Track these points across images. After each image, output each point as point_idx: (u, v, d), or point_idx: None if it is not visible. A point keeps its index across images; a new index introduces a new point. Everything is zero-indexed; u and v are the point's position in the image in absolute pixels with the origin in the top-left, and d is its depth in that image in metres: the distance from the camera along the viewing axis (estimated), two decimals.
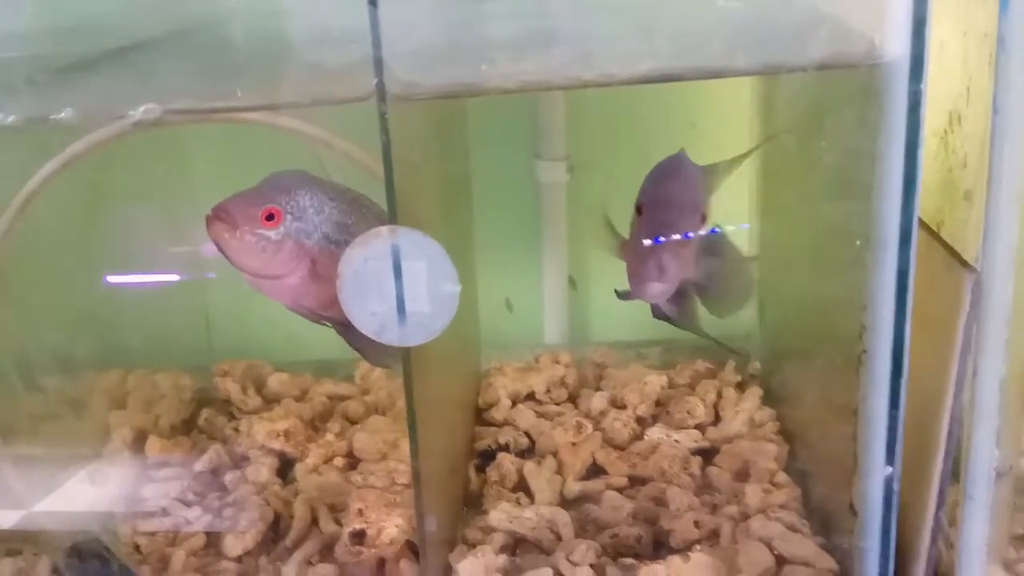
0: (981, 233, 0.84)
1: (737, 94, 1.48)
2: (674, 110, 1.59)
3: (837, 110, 0.89)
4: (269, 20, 1.02)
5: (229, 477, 1.30)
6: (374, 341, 0.93)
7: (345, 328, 0.96)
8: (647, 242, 0.97)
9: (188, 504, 1.25)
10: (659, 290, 0.99)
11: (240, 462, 1.34)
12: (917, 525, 0.92)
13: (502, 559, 1.06)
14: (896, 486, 0.88)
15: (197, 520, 1.21)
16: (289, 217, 0.94)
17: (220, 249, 0.93)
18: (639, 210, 1.01)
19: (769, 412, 1.37)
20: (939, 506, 0.90)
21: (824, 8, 0.85)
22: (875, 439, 0.87)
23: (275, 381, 1.52)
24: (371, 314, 0.86)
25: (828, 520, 1.07)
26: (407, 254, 0.84)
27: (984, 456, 0.88)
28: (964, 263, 0.87)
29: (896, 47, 0.77)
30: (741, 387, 1.44)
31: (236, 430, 1.41)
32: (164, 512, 1.24)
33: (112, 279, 1.38)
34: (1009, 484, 0.92)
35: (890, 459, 0.87)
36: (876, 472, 0.88)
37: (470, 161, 1.49)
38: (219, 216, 0.92)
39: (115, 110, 0.90)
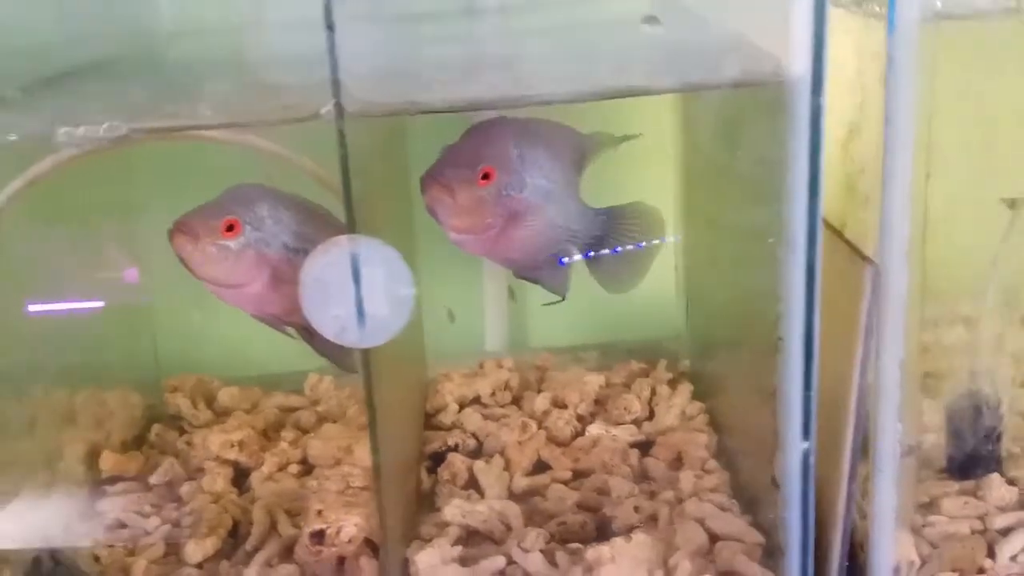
0: (878, 230, 0.94)
1: (659, 111, 1.57)
2: (600, 126, 1.68)
3: (750, 122, 0.99)
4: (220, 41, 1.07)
5: (185, 488, 1.33)
6: (337, 346, 0.99)
7: (308, 334, 1.02)
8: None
9: (145, 516, 1.28)
10: (451, 228, 1.02)
11: (195, 474, 1.37)
12: (833, 497, 1.02)
13: (457, 550, 1.13)
14: (812, 460, 0.97)
15: (156, 531, 1.25)
16: (248, 227, 0.99)
17: (183, 261, 0.98)
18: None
19: (699, 406, 1.46)
20: (851, 478, 1.00)
21: (735, 32, 0.95)
22: (792, 417, 0.97)
23: (225, 395, 1.57)
24: (332, 317, 0.93)
25: (754, 498, 1.16)
26: (365, 260, 0.91)
27: (889, 431, 0.98)
28: (864, 257, 0.97)
29: (799, 66, 0.87)
30: (673, 384, 1.53)
31: (188, 444, 1.44)
32: (121, 524, 1.27)
33: (52, 306, 1.39)
34: (914, 457, 1.02)
35: (806, 435, 0.97)
36: (794, 447, 0.97)
37: (411, 177, 1.56)
38: (181, 229, 0.96)
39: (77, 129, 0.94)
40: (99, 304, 1.36)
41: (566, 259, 1.17)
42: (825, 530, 1.03)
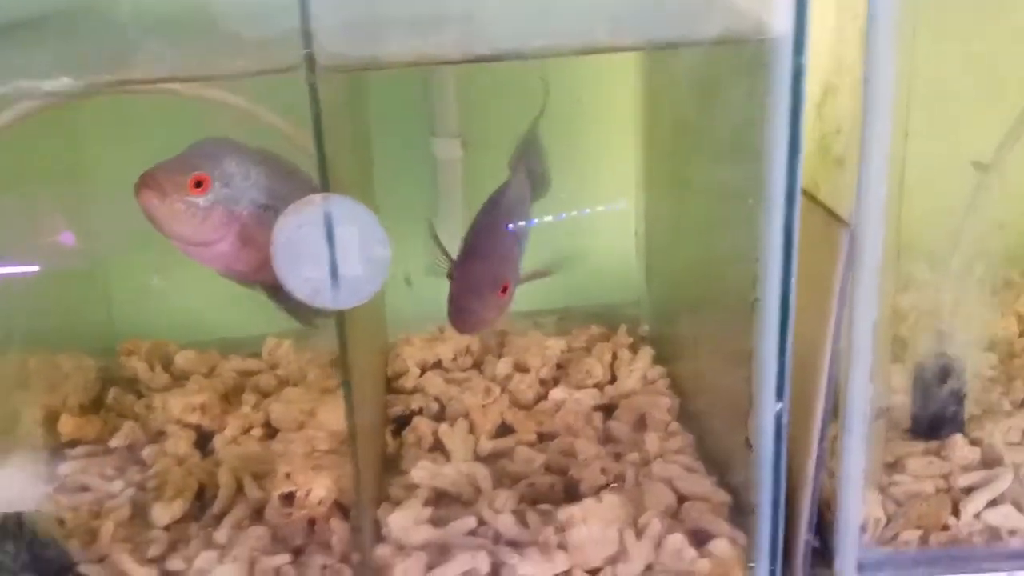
0: (854, 192, 0.94)
1: (623, 71, 1.56)
2: (561, 86, 1.67)
3: (726, 82, 0.98)
4: None
5: (147, 452, 1.31)
6: (304, 303, 0.96)
7: (275, 291, 0.99)
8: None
9: (109, 479, 1.25)
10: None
11: (156, 437, 1.34)
12: (803, 457, 1.03)
13: (428, 511, 1.12)
14: (785, 420, 0.98)
15: (121, 493, 1.22)
16: (217, 183, 0.95)
17: (149, 217, 0.94)
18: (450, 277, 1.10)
19: (660, 370, 1.47)
20: (822, 439, 1.01)
21: None
22: (767, 378, 0.97)
23: (182, 358, 1.53)
24: (304, 280, 0.90)
25: (720, 459, 1.17)
26: (339, 220, 0.88)
27: (859, 392, 0.99)
28: (840, 220, 0.97)
29: (781, 24, 0.87)
30: (633, 348, 1.54)
31: (147, 407, 1.41)
32: (84, 488, 1.24)
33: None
34: (883, 419, 1.04)
35: (780, 396, 0.98)
36: (768, 408, 0.98)
37: (371, 138, 1.53)
38: (148, 184, 0.92)
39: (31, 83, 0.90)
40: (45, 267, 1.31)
41: None
42: (794, 489, 1.04)
